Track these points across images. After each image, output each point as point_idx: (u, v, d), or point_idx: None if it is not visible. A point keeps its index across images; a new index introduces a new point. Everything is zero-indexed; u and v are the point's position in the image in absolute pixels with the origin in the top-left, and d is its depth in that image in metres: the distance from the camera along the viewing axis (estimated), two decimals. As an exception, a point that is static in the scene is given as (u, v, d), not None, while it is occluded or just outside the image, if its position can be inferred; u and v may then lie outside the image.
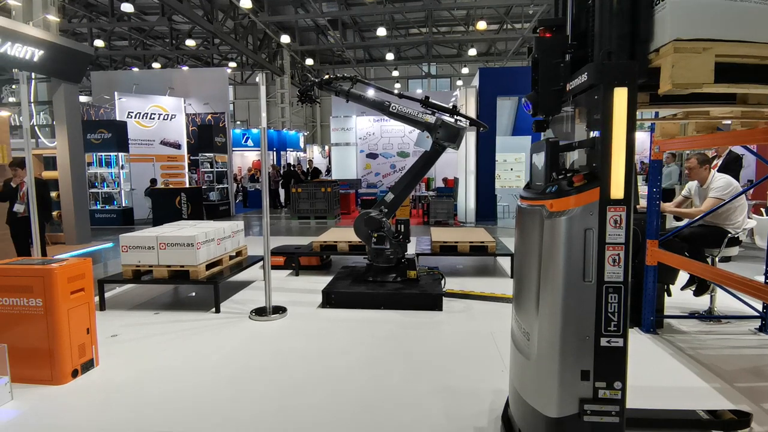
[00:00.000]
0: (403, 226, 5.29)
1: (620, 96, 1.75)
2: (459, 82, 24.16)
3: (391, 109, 5.23)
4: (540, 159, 2.16)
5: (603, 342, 1.86)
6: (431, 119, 5.12)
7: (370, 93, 6.44)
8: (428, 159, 5.26)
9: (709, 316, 4.36)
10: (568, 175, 1.97)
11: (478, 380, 3.22)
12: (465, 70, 23.65)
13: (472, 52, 20.24)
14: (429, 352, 3.74)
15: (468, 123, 5.28)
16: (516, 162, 14.04)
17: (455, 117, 5.19)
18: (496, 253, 6.19)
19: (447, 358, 3.61)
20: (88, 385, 3.21)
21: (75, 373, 3.26)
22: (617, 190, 1.80)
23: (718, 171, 5.08)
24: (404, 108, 5.25)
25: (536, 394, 2.03)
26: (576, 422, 1.90)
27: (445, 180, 14.48)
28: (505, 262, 6.67)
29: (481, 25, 15.85)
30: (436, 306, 4.76)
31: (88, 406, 2.94)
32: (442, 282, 5.29)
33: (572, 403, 1.89)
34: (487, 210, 11.65)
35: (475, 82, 12.13)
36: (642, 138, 18.41)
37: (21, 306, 3.14)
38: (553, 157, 2.07)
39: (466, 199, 11.54)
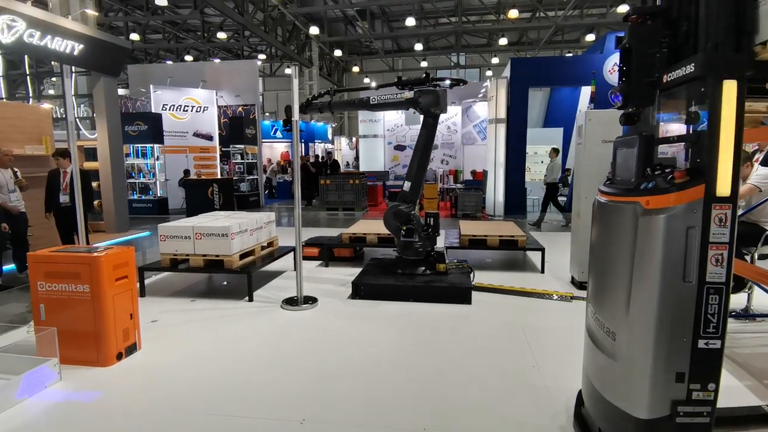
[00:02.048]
0: (432, 219, 5.28)
1: (730, 89, 1.69)
2: (489, 73, 23.75)
3: (371, 102, 5.34)
4: (626, 153, 2.09)
5: (701, 344, 1.81)
6: (409, 94, 5.17)
7: (351, 96, 6.61)
8: (427, 133, 5.26)
9: (745, 314, 4.22)
10: (666, 170, 1.89)
11: (519, 374, 3.21)
12: (495, 60, 23.21)
13: (503, 41, 19.81)
14: (460, 345, 3.75)
15: (449, 84, 5.31)
16: (547, 155, 13.76)
17: (433, 84, 5.21)
18: (527, 247, 6.12)
19: (480, 352, 3.61)
20: (132, 367, 3.37)
21: (119, 356, 3.42)
22: (724, 187, 1.73)
23: (761, 165, 4.87)
24: (383, 96, 5.34)
25: (624, 395, 1.98)
26: (666, 424, 1.86)
27: (473, 173, 14.32)
28: (535, 257, 6.57)
29: (513, 13, 15.49)
30: (466, 299, 4.75)
31: (132, 387, 3.09)
32: (471, 275, 5.27)
33: (664, 405, 1.86)
34: (516, 203, 11.49)
35: (506, 72, 11.90)
36: (680, 130, 17.75)
37: (70, 291, 3.30)
38: (647, 152, 1.98)
39: (495, 192, 11.40)
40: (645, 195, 1.89)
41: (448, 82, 5.29)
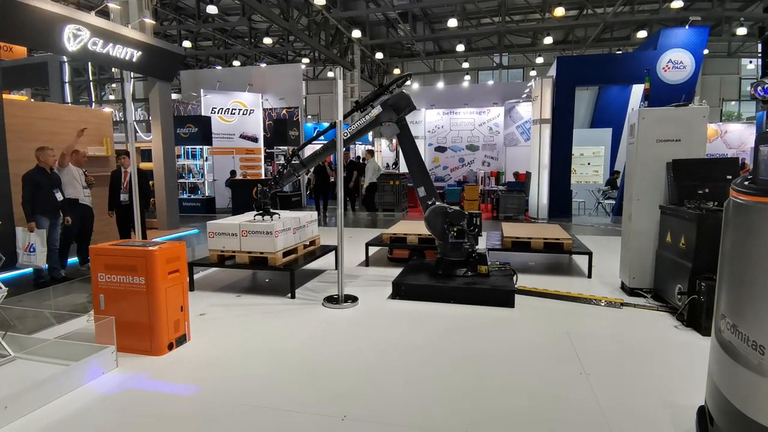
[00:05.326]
0: (477, 219, 5.21)
1: None
2: (533, 72, 23.18)
3: (344, 137, 5.22)
4: None
5: None
6: (377, 110, 5.15)
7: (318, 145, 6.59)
8: (407, 137, 5.25)
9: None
10: None
11: (565, 385, 3.11)
12: (539, 60, 22.63)
13: (548, 40, 19.27)
14: (504, 350, 3.67)
15: (399, 87, 5.28)
16: (594, 156, 13.31)
17: (390, 91, 5.20)
18: (573, 251, 5.92)
19: (525, 357, 3.53)
20: (182, 357, 3.51)
21: (170, 346, 3.57)
22: None
23: None
24: (354, 125, 5.32)
25: None
26: None
27: (516, 174, 14.01)
28: (581, 261, 6.34)
29: (559, 11, 15.05)
30: (508, 302, 4.65)
31: (182, 377, 3.22)
32: (514, 278, 5.15)
33: None
34: (561, 206, 11.15)
35: (552, 71, 11.59)
36: (739, 130, 16.68)
37: (127, 283, 3.49)
38: None
39: (539, 194, 11.10)
40: None
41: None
